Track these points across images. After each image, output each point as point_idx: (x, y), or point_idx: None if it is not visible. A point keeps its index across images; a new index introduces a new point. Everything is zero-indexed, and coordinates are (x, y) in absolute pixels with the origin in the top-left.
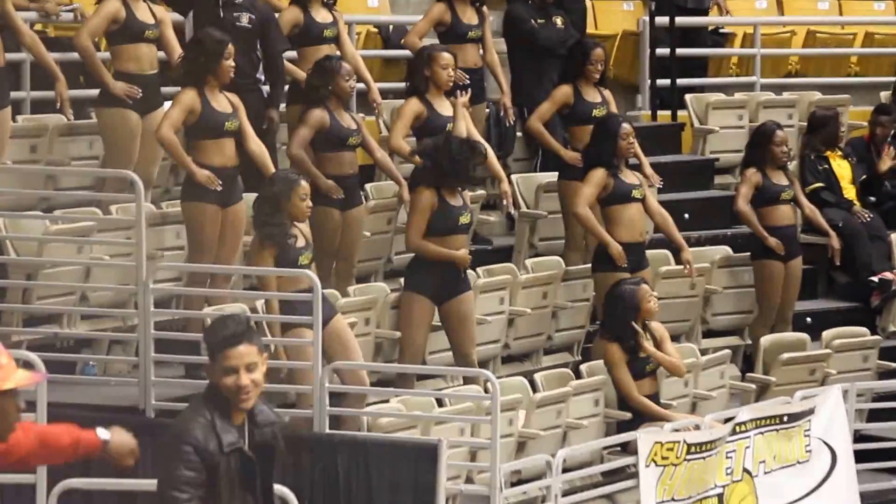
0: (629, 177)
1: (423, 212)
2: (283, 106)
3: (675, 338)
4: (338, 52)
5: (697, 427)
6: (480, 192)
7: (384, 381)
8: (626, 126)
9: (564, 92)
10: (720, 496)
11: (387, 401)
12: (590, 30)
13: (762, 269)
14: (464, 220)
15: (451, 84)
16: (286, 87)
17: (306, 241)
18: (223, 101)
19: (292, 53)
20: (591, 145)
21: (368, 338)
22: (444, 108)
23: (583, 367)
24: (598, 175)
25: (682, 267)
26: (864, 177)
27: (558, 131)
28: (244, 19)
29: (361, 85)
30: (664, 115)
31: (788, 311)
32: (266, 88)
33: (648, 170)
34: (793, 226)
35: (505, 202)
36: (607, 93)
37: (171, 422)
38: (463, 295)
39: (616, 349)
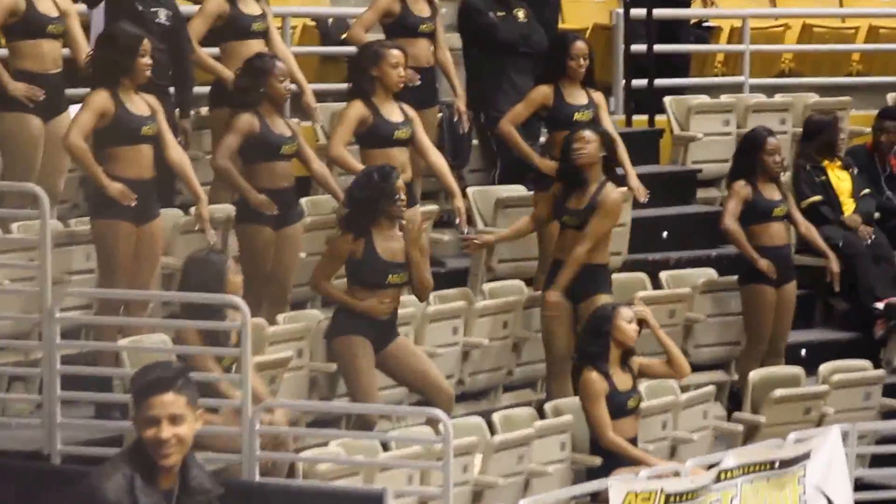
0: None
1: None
2: (204, 109)
3: None
4: (267, 49)
5: (677, 474)
6: (432, 207)
7: (321, 421)
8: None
9: (542, 92)
10: None
11: (325, 444)
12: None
13: (751, 294)
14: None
15: (402, 85)
16: (210, 88)
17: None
18: (140, 104)
19: (215, 50)
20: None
21: (301, 372)
22: (392, 112)
23: (547, 405)
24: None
25: (658, 292)
26: (867, 191)
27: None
28: (162, 15)
29: (294, 86)
30: (640, 119)
31: (781, 342)
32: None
33: (634, 182)
34: (786, 246)
35: (459, 219)
36: (598, 95)
37: (86, 475)
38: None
39: (595, 378)
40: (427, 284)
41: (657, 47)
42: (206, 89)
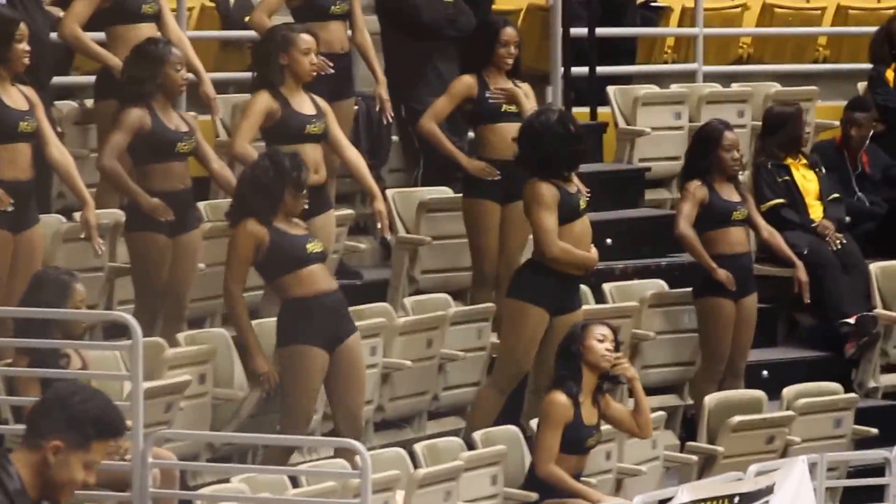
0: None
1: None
2: (89, 102)
3: None
4: (160, 33)
5: None
6: (347, 212)
7: (223, 455)
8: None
9: (465, 83)
10: None
11: (227, 480)
12: None
13: (707, 308)
14: (312, 248)
15: (314, 74)
16: (95, 78)
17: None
18: (16, 97)
19: (100, 34)
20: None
21: (203, 399)
22: (303, 105)
23: (477, 435)
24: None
25: (601, 306)
26: (836, 196)
27: (447, 135)
28: None
29: (190, 75)
30: (581, 112)
31: (741, 361)
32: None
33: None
34: (747, 254)
35: (378, 225)
36: (525, 86)
37: None
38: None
39: (562, 402)
40: None
41: (599, 30)
42: (91, 79)
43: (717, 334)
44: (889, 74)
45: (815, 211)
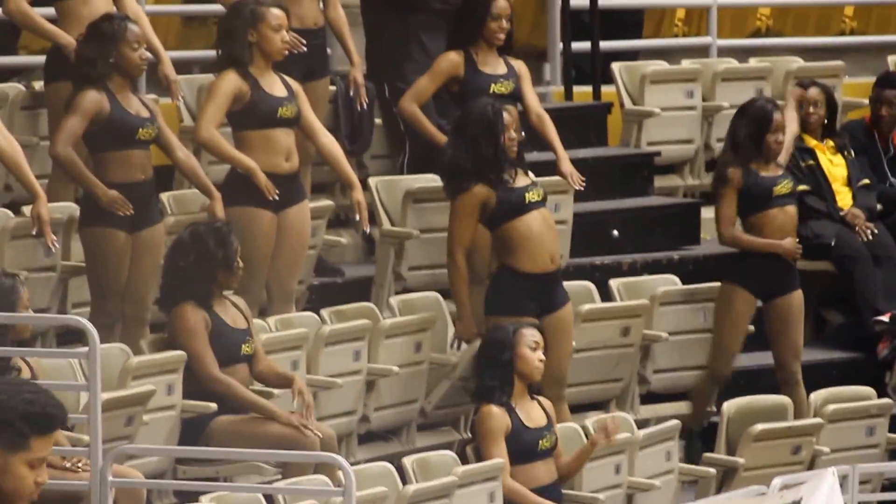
0: (521, 180)
1: None
2: (39, 84)
3: (602, 405)
4: (116, 8)
5: None
6: (326, 203)
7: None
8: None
9: (451, 61)
10: None
11: (196, 500)
12: None
13: (722, 296)
14: (247, 349)
15: (286, 52)
16: (45, 58)
17: None
18: None
19: (50, 10)
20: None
21: (172, 412)
22: (273, 86)
23: (470, 448)
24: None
25: (608, 305)
26: (866, 181)
27: (433, 117)
28: None
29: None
30: (583, 91)
31: (795, 363)
32: None
33: (566, 166)
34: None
35: (358, 217)
36: (519, 64)
37: None
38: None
39: (495, 413)
40: None
41: (602, 1)
42: (40, 59)
43: (724, 326)
44: None
45: (844, 198)
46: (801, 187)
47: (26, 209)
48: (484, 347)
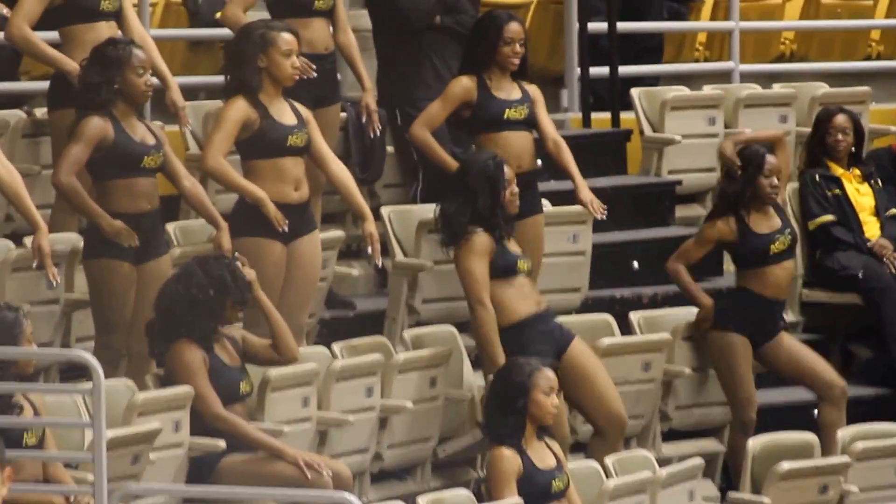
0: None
1: None
2: (42, 110)
3: (623, 442)
4: (121, 33)
5: None
6: (337, 233)
7: None
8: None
9: (463, 86)
10: None
11: None
12: None
13: (718, 344)
14: (245, 388)
15: (297, 78)
16: (49, 84)
17: None
18: None
19: (53, 34)
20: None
21: (179, 451)
22: (283, 113)
23: (486, 487)
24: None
25: (628, 339)
26: (894, 211)
27: (447, 145)
28: None
29: (156, 80)
30: (601, 118)
31: (825, 375)
32: None
33: (585, 195)
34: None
35: (371, 249)
36: (533, 88)
37: None
38: None
39: (506, 455)
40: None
41: (621, 25)
42: (42, 85)
43: (736, 376)
44: None
45: (871, 228)
46: (828, 218)
47: (28, 240)
48: (498, 390)
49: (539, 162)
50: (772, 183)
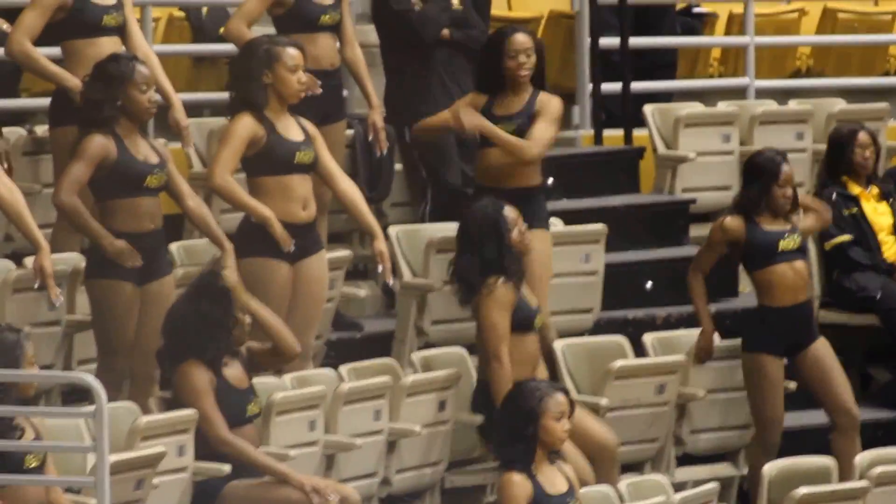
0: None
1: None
2: (43, 128)
3: (636, 466)
4: (124, 48)
5: None
6: (344, 253)
7: None
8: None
9: (470, 101)
10: None
11: None
12: (500, 11)
13: (750, 366)
14: (252, 409)
15: (303, 94)
16: (50, 101)
17: None
18: None
19: (54, 50)
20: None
21: (184, 475)
22: (289, 129)
23: None
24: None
25: (641, 361)
26: None
27: (457, 162)
28: None
29: (160, 97)
30: (613, 135)
31: (844, 399)
32: None
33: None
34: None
35: (379, 268)
36: (555, 102)
37: None
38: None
39: (516, 481)
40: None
41: (633, 41)
42: (43, 102)
43: (763, 397)
44: None
45: (889, 249)
46: (844, 238)
47: (28, 261)
48: (508, 415)
49: (550, 180)
50: (785, 193)
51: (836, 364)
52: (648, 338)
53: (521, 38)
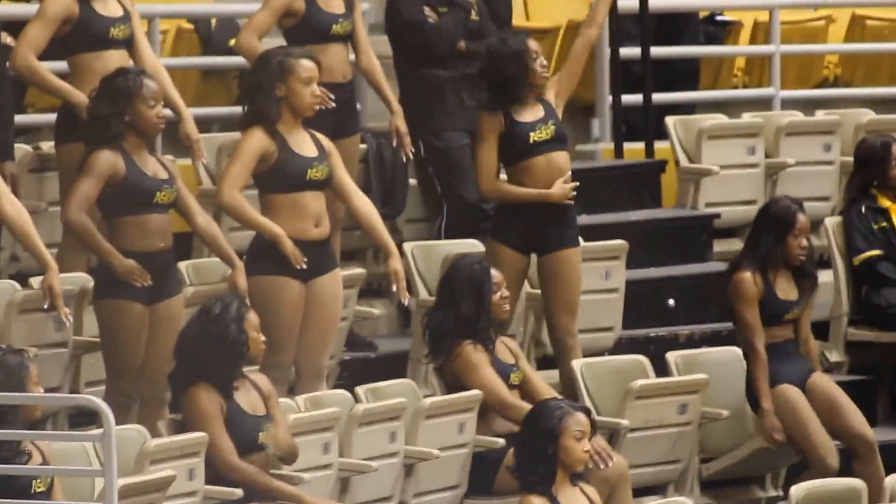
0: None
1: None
2: (48, 144)
3: (658, 489)
4: (132, 62)
5: None
6: (357, 271)
7: None
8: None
9: (492, 127)
10: None
11: None
12: (518, 21)
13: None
14: (264, 438)
15: (317, 107)
16: (56, 117)
17: None
18: None
19: (61, 64)
20: None
21: (194, 499)
22: (302, 144)
23: None
24: None
25: (664, 380)
26: None
27: (471, 177)
28: None
29: (168, 112)
30: (634, 148)
31: (864, 437)
32: None
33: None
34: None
35: (393, 287)
36: (549, 96)
37: None
38: None
39: (534, 503)
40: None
41: (655, 50)
42: (49, 118)
43: (796, 426)
44: None
45: None
46: (874, 252)
47: (34, 281)
48: (527, 435)
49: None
50: (801, 243)
51: (841, 392)
52: (672, 356)
53: (532, 43)
